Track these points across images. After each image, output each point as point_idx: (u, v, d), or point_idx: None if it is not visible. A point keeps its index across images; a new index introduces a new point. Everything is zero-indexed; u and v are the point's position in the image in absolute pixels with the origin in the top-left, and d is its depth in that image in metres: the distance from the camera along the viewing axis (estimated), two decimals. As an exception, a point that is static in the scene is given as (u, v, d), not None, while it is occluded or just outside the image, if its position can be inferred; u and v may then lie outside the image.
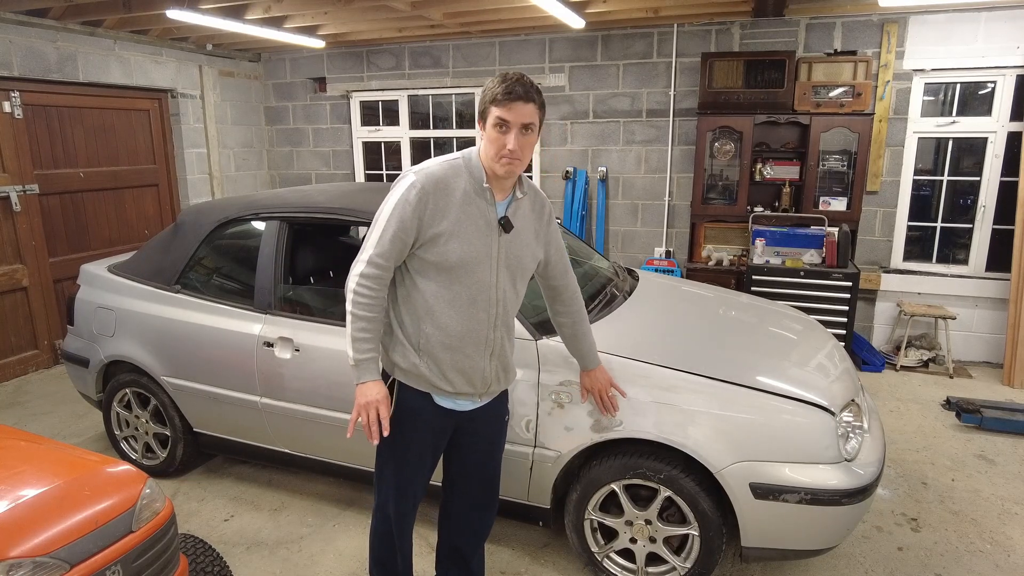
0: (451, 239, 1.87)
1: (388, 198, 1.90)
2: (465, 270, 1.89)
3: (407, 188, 1.86)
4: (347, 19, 5.24)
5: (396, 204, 1.85)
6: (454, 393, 2.00)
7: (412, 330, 1.95)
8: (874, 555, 2.85)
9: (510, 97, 1.79)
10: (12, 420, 4.22)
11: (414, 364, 1.96)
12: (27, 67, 4.79)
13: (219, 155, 6.51)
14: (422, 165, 1.92)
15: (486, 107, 1.83)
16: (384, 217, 1.87)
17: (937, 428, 4.05)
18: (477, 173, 1.90)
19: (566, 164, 6.08)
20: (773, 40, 5.29)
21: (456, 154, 1.96)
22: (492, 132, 1.82)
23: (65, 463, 2.06)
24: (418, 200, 1.84)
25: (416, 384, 1.98)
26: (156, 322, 3.25)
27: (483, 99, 1.85)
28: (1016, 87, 4.83)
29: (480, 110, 1.87)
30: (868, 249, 5.37)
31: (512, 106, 1.79)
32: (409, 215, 1.84)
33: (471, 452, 2.19)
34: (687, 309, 3.26)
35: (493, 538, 2.97)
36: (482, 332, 1.96)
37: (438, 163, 1.91)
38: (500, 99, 1.79)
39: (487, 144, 1.86)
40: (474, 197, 1.90)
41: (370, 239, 1.89)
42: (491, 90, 1.82)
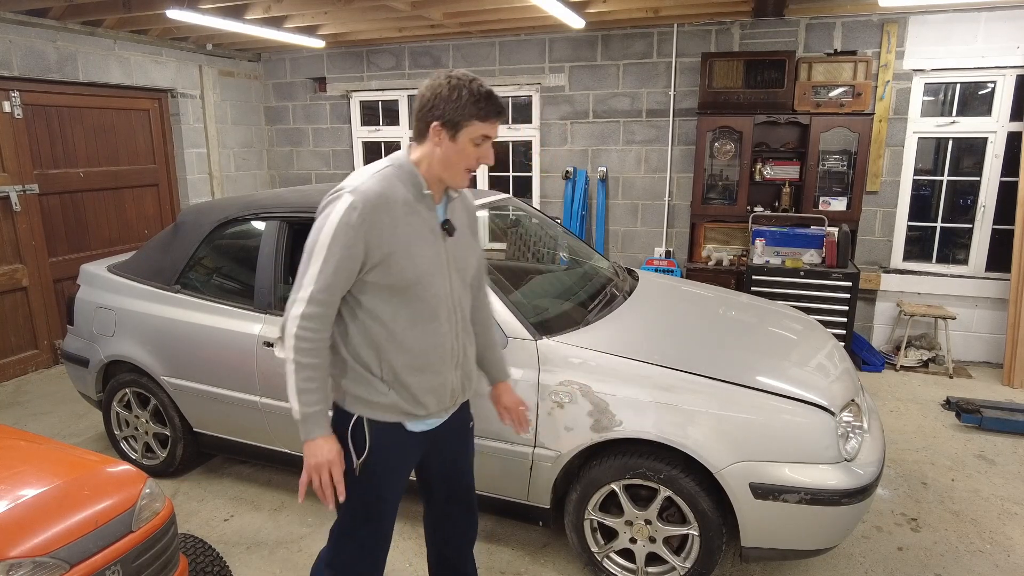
0: (403, 256, 1.71)
1: (322, 223, 1.67)
2: (422, 285, 1.75)
3: (346, 210, 1.64)
4: (347, 19, 5.24)
5: (336, 229, 1.64)
6: (427, 415, 1.86)
7: (373, 363, 1.77)
8: (874, 555, 2.85)
9: (499, 115, 1.72)
10: (12, 420, 4.22)
11: (382, 397, 1.78)
12: (27, 67, 4.79)
13: (219, 155, 6.51)
14: (355, 181, 1.72)
15: (462, 119, 1.68)
16: (323, 246, 1.65)
17: (937, 428, 4.05)
18: (415, 179, 1.75)
19: (566, 164, 6.08)
20: (773, 40, 5.29)
21: (385, 162, 1.79)
22: (469, 146, 1.70)
23: (65, 463, 2.06)
24: (361, 221, 1.64)
25: (386, 416, 1.80)
26: (156, 322, 3.25)
27: (457, 108, 1.67)
28: (1016, 87, 4.83)
29: (449, 119, 1.68)
30: (868, 249, 5.37)
31: (496, 122, 1.73)
32: (354, 239, 1.65)
33: (443, 466, 2.05)
34: (687, 309, 3.26)
35: (493, 538, 2.98)
36: (447, 345, 1.83)
37: (371, 176, 1.73)
38: (487, 115, 1.69)
39: (453, 156, 1.71)
40: (415, 206, 1.75)
41: (307, 273, 1.67)
42: (473, 102, 1.67)
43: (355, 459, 1.78)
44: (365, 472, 1.79)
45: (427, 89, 1.71)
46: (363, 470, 1.79)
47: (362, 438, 1.78)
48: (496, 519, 3.08)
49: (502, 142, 6.40)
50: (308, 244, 1.70)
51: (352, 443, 1.78)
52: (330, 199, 1.71)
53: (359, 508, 1.84)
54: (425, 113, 1.71)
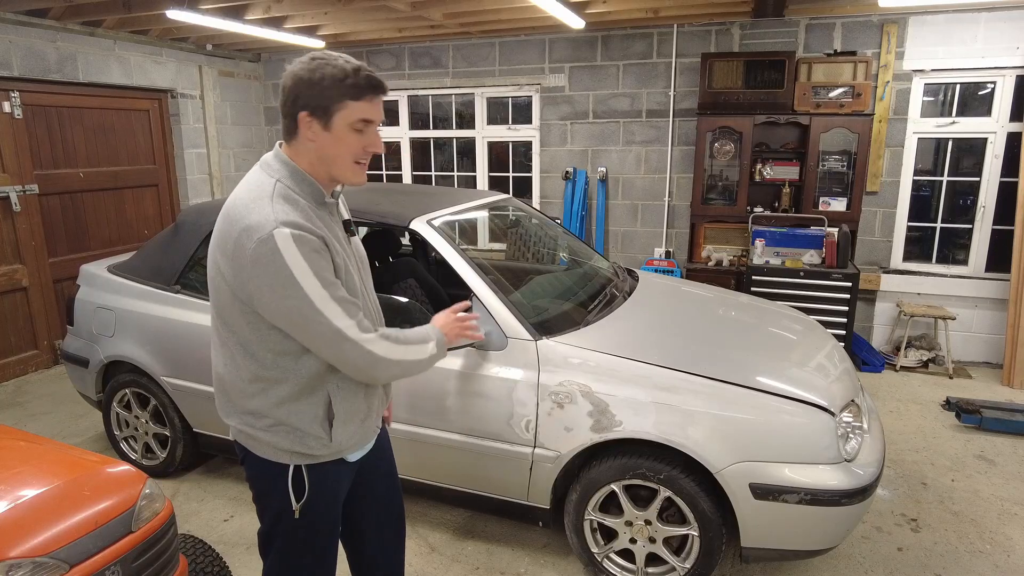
0: (345, 274, 1.54)
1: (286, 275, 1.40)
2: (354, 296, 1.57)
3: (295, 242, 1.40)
4: (347, 19, 5.24)
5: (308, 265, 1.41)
6: (371, 436, 1.72)
7: (318, 410, 1.57)
8: (874, 555, 2.85)
9: (376, 91, 1.44)
10: (12, 420, 4.22)
11: (323, 444, 1.60)
12: (27, 67, 4.79)
13: (219, 155, 6.51)
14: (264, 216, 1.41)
15: (334, 102, 1.42)
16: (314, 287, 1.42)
17: (937, 428, 4.05)
18: (311, 186, 1.51)
19: (566, 164, 6.08)
20: (773, 40, 5.29)
21: (266, 180, 1.49)
22: (347, 134, 1.45)
23: (65, 463, 2.05)
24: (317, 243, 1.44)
25: (332, 457, 1.63)
26: (156, 322, 3.25)
27: (322, 91, 1.41)
28: (1016, 87, 4.83)
29: (319, 104, 1.42)
30: (868, 249, 5.37)
31: (376, 100, 1.45)
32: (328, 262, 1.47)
33: (376, 492, 1.89)
34: (687, 309, 3.26)
35: (493, 538, 2.98)
36: None
37: (271, 201, 1.44)
38: (363, 91, 1.42)
39: (333, 149, 1.46)
40: (322, 214, 1.53)
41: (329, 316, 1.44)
42: (339, 81, 1.40)
43: (295, 503, 1.62)
44: (307, 512, 1.64)
45: (287, 77, 1.44)
46: (304, 511, 1.63)
47: (301, 484, 1.62)
48: (496, 519, 3.08)
49: (502, 142, 6.41)
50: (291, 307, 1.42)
51: (291, 490, 1.61)
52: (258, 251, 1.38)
53: (303, 547, 1.69)
54: (290, 105, 1.45)
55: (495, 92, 6.25)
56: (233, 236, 1.43)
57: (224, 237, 1.47)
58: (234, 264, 1.44)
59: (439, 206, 3.04)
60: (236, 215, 1.45)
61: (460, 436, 2.66)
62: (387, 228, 3.47)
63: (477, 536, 3.01)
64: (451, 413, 2.65)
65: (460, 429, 2.66)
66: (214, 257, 1.52)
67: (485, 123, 6.39)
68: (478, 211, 3.42)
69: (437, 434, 2.69)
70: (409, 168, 6.81)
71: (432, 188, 4.79)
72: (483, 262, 2.88)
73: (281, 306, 1.43)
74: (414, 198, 3.29)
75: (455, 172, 6.73)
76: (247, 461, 1.68)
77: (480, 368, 2.59)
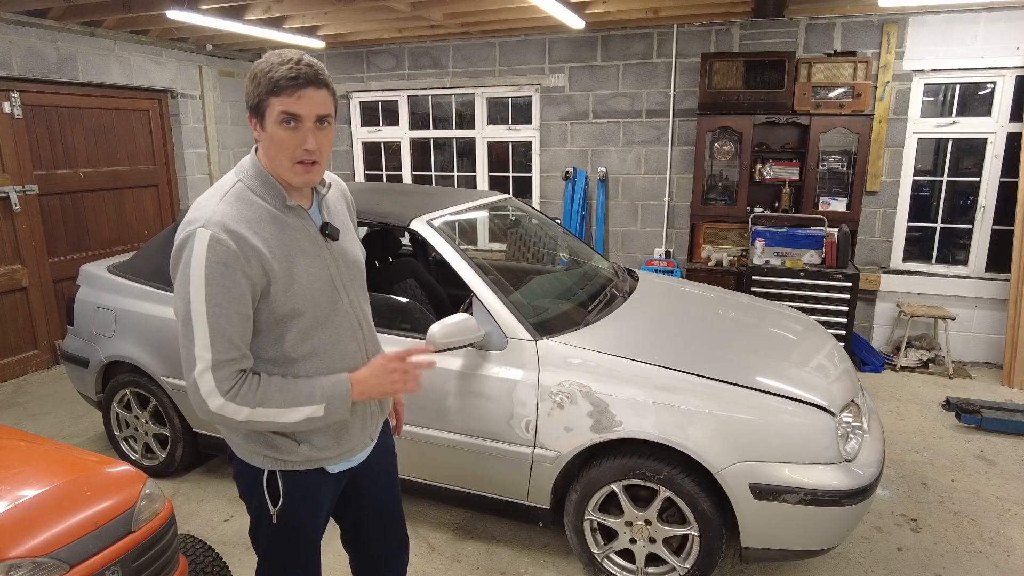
0: (288, 280, 1.45)
1: (186, 275, 1.37)
2: (314, 308, 1.50)
3: (208, 248, 1.35)
4: (347, 19, 5.24)
5: (206, 276, 1.35)
6: (350, 451, 1.65)
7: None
8: (874, 555, 2.85)
9: (297, 83, 1.35)
10: (11, 420, 4.22)
11: (292, 454, 1.56)
12: (27, 67, 4.79)
13: (219, 155, 6.51)
14: (202, 211, 1.41)
15: (262, 99, 1.38)
16: (199, 300, 1.36)
17: (937, 429, 4.05)
18: (272, 189, 1.47)
19: (566, 164, 6.08)
20: (773, 41, 5.29)
21: (230, 179, 1.49)
22: (278, 131, 1.39)
23: (65, 463, 2.05)
24: (231, 254, 1.37)
25: (304, 466, 1.59)
26: (156, 322, 3.25)
27: (255, 89, 1.38)
28: (1016, 88, 4.83)
29: (253, 104, 1.40)
30: (868, 250, 5.37)
31: (302, 94, 1.36)
32: (233, 278, 1.37)
33: (372, 501, 1.84)
34: (687, 309, 3.26)
35: (493, 538, 2.98)
36: (359, 366, 1.60)
37: (219, 199, 1.43)
38: (285, 86, 1.35)
39: (272, 148, 1.42)
40: (284, 219, 1.48)
41: (195, 341, 1.37)
42: (265, 75, 1.36)
43: (271, 508, 1.59)
44: (284, 517, 1.61)
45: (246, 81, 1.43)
46: (282, 516, 1.60)
47: (276, 489, 1.59)
48: (496, 519, 3.08)
49: (502, 142, 6.41)
50: (177, 306, 1.39)
51: (267, 494, 1.58)
52: (180, 242, 1.38)
53: (283, 553, 1.67)
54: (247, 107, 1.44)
55: (495, 92, 6.25)
56: (180, 227, 1.45)
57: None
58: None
59: (439, 206, 3.04)
60: (190, 210, 1.47)
61: (460, 436, 2.66)
62: (387, 228, 3.47)
63: (477, 536, 3.01)
64: (451, 413, 2.65)
65: (460, 429, 2.66)
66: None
67: (485, 123, 6.39)
68: (478, 211, 3.42)
69: (437, 434, 2.69)
70: (409, 168, 6.81)
71: (432, 188, 4.79)
72: (483, 262, 2.88)
73: (175, 302, 1.42)
74: (414, 198, 3.29)
75: (455, 172, 6.73)
76: (233, 458, 1.68)
77: (480, 368, 2.59)
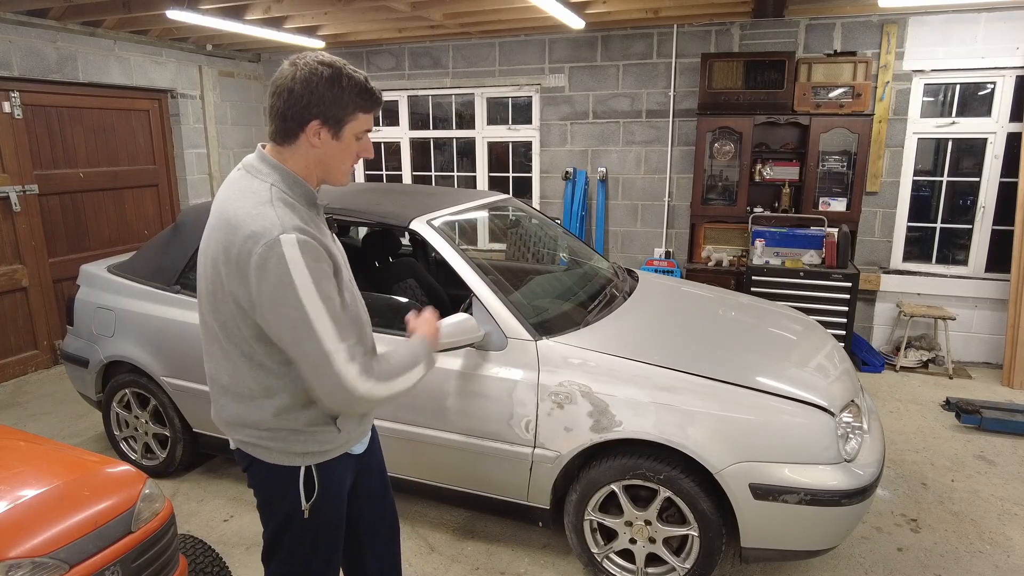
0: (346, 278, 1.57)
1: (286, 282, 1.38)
2: (349, 295, 1.59)
3: (300, 249, 1.39)
4: (347, 20, 5.24)
5: (311, 275, 1.40)
6: (366, 429, 1.75)
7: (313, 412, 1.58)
8: (874, 556, 2.85)
9: (380, 104, 1.53)
10: (11, 420, 4.22)
11: (332, 442, 1.62)
12: (27, 67, 4.79)
13: (219, 155, 6.51)
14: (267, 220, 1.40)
15: (350, 112, 1.47)
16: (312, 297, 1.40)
17: (937, 429, 4.05)
18: (305, 190, 1.52)
19: (566, 164, 6.08)
20: (773, 41, 5.29)
21: (262, 187, 1.47)
22: (353, 143, 1.51)
23: (64, 463, 2.05)
24: (320, 252, 1.44)
25: (337, 453, 1.65)
26: (156, 322, 3.25)
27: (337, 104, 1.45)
28: (1016, 88, 4.83)
29: (332, 114, 1.45)
30: (868, 250, 5.37)
31: (377, 111, 1.55)
32: (327, 272, 1.46)
33: (368, 490, 1.89)
34: (687, 310, 3.26)
35: (493, 538, 2.98)
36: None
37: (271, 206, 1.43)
38: (372, 105, 1.50)
39: (337, 155, 1.50)
40: (315, 218, 1.55)
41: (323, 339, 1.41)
42: (350, 94, 1.45)
43: (304, 503, 1.62)
44: (316, 512, 1.65)
45: (296, 83, 1.43)
46: (314, 510, 1.64)
47: (311, 483, 1.62)
48: (496, 519, 3.08)
49: (502, 142, 6.41)
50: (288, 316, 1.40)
51: (303, 491, 1.62)
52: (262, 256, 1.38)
53: (311, 549, 1.69)
54: (299, 111, 1.44)
55: (495, 92, 6.25)
56: (237, 244, 1.41)
57: (227, 246, 1.43)
58: (239, 272, 1.42)
59: (439, 206, 3.04)
60: (238, 222, 1.42)
61: (460, 436, 2.66)
62: (387, 228, 3.47)
63: (477, 536, 3.01)
64: (451, 413, 2.65)
65: (460, 429, 2.66)
66: (215, 267, 1.48)
67: (485, 123, 6.39)
68: (478, 211, 3.42)
69: (437, 434, 2.69)
70: (409, 168, 6.81)
71: (432, 188, 4.79)
72: (483, 262, 2.88)
73: (277, 315, 1.41)
74: (414, 198, 3.29)
75: (455, 172, 6.73)
76: (252, 469, 1.66)
77: (480, 368, 2.59)
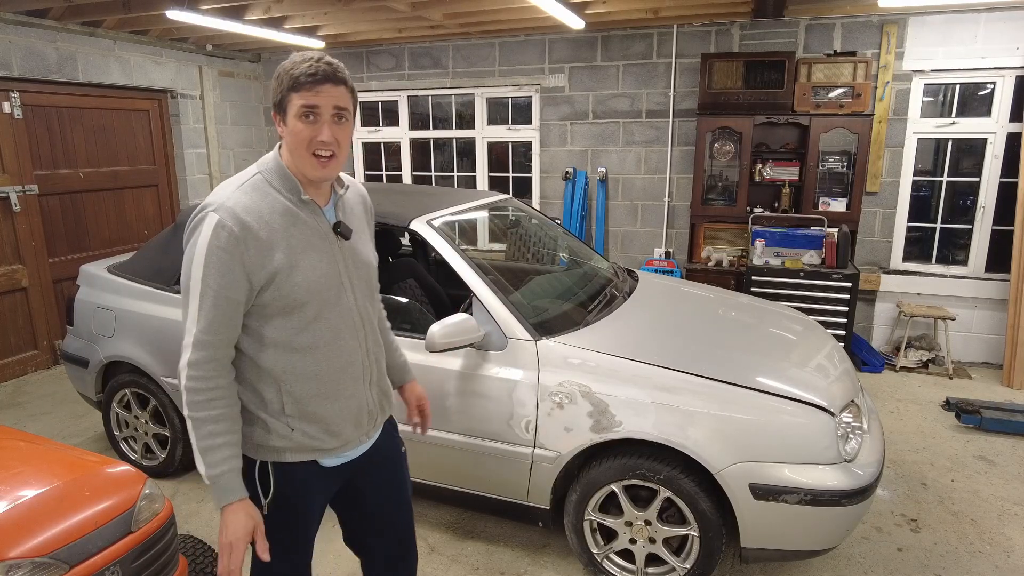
0: (292, 272, 1.50)
1: (191, 253, 1.47)
2: (318, 301, 1.55)
3: (214, 231, 1.44)
4: (347, 20, 5.24)
5: (208, 256, 1.44)
6: (343, 447, 1.66)
7: (272, 398, 1.57)
8: (874, 556, 2.85)
9: (315, 79, 1.46)
10: (11, 420, 4.22)
11: (285, 440, 1.58)
12: (27, 67, 4.79)
13: (219, 155, 6.51)
14: (218, 196, 1.50)
15: (284, 95, 1.49)
16: (196, 279, 1.45)
17: (937, 429, 4.05)
18: (289, 183, 1.55)
19: (566, 165, 6.08)
20: (773, 41, 5.29)
21: (251, 170, 1.59)
22: (297, 124, 1.48)
23: (64, 464, 2.06)
24: (232, 241, 1.44)
25: (296, 457, 1.60)
26: (155, 322, 3.25)
27: (278, 87, 1.50)
28: (1015, 88, 4.83)
29: (276, 100, 1.51)
30: (868, 250, 5.38)
31: (320, 89, 1.47)
32: (229, 263, 1.44)
33: (376, 502, 1.83)
34: (687, 310, 3.26)
35: (493, 538, 2.98)
36: (357, 363, 1.64)
37: (236, 188, 1.53)
38: (304, 82, 1.46)
39: (293, 142, 1.50)
40: (297, 213, 1.55)
41: (188, 315, 1.48)
42: (287, 74, 1.48)
43: (262, 499, 1.59)
44: (275, 510, 1.61)
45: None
46: (273, 508, 1.60)
47: (267, 481, 1.60)
48: (496, 519, 3.08)
49: (502, 142, 6.42)
50: (182, 280, 1.49)
51: (258, 485, 1.60)
52: (194, 222, 1.49)
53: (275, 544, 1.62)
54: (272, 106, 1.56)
55: (495, 92, 6.25)
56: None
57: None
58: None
59: (439, 206, 3.04)
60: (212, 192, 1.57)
61: (460, 436, 2.66)
62: (387, 228, 3.47)
63: (477, 536, 3.01)
64: (451, 413, 2.66)
65: (460, 429, 2.66)
66: None
67: (485, 123, 6.39)
68: (478, 211, 3.42)
69: (437, 434, 2.69)
70: (409, 168, 6.81)
71: (432, 188, 4.79)
72: (483, 262, 2.88)
73: (182, 275, 1.52)
74: (414, 198, 3.29)
75: (455, 172, 6.73)
76: None
77: (480, 368, 2.59)
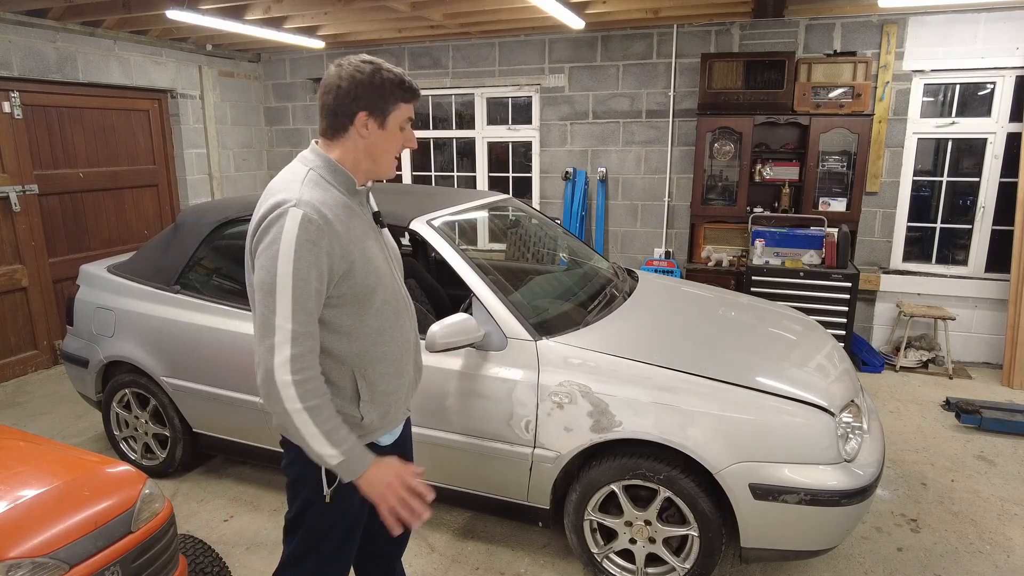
0: (363, 262, 1.59)
1: (273, 249, 1.48)
2: (383, 287, 1.64)
3: (300, 226, 1.47)
4: (347, 20, 5.24)
5: (295, 251, 1.46)
6: (397, 423, 1.77)
7: (346, 384, 1.63)
8: (874, 556, 2.85)
9: (418, 95, 1.65)
10: (11, 420, 4.22)
11: (357, 425, 1.65)
12: (27, 67, 4.79)
13: (219, 155, 6.51)
14: (291, 192, 1.53)
15: (394, 103, 1.60)
16: (285, 273, 1.46)
17: (937, 429, 4.05)
18: (344, 178, 1.63)
19: (566, 165, 6.08)
20: (773, 41, 5.29)
21: (299, 168, 1.62)
22: (398, 132, 1.63)
23: (64, 463, 2.05)
24: (320, 234, 1.49)
25: (364, 441, 1.66)
26: (155, 322, 3.25)
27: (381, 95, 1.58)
28: (1015, 88, 4.84)
29: (376, 106, 1.58)
30: (868, 250, 5.38)
31: (416, 103, 1.67)
32: (318, 256, 1.48)
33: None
34: (687, 310, 3.26)
35: (493, 538, 2.98)
36: (412, 340, 1.78)
37: (305, 183, 1.56)
38: (412, 96, 1.62)
39: (383, 144, 1.62)
40: (352, 205, 1.64)
41: (277, 312, 1.47)
42: (392, 83, 1.58)
43: (326, 487, 1.65)
44: (337, 498, 1.67)
45: (343, 80, 1.57)
46: (335, 497, 1.66)
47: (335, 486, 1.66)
48: (496, 519, 3.08)
49: (502, 142, 6.42)
50: (262, 278, 1.48)
51: (324, 474, 1.65)
52: (272, 218, 1.50)
53: (327, 534, 1.71)
54: (347, 105, 1.58)
55: (495, 92, 6.25)
56: (264, 208, 1.54)
57: (258, 212, 1.56)
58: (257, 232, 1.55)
59: (439, 206, 3.04)
60: (270, 193, 1.57)
61: (460, 436, 2.66)
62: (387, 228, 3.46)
63: (477, 536, 3.01)
64: (451, 413, 2.66)
65: (460, 429, 2.66)
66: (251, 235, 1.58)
67: (485, 123, 6.39)
68: (478, 211, 3.42)
69: (437, 434, 2.69)
70: (409, 168, 6.81)
71: (432, 188, 4.79)
72: (483, 262, 2.88)
73: (259, 271, 1.50)
74: (414, 198, 3.29)
75: (455, 172, 6.73)
76: (287, 445, 1.70)
77: (480, 368, 2.59)
